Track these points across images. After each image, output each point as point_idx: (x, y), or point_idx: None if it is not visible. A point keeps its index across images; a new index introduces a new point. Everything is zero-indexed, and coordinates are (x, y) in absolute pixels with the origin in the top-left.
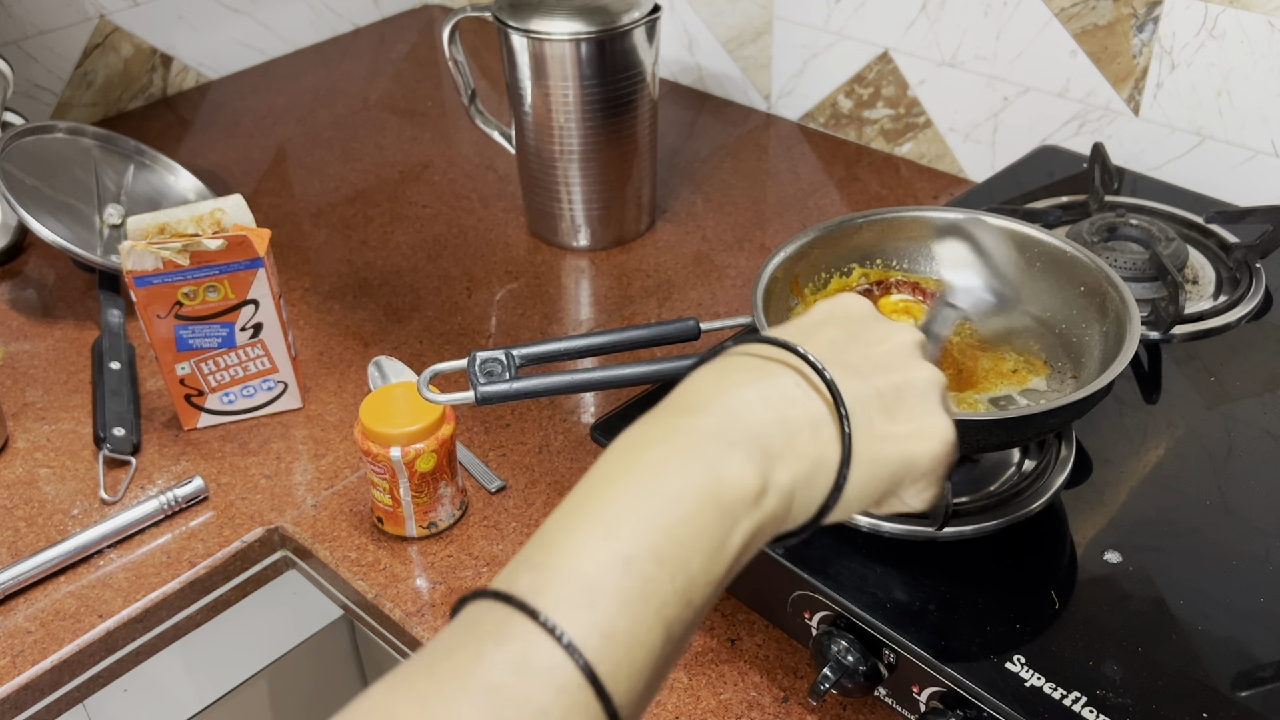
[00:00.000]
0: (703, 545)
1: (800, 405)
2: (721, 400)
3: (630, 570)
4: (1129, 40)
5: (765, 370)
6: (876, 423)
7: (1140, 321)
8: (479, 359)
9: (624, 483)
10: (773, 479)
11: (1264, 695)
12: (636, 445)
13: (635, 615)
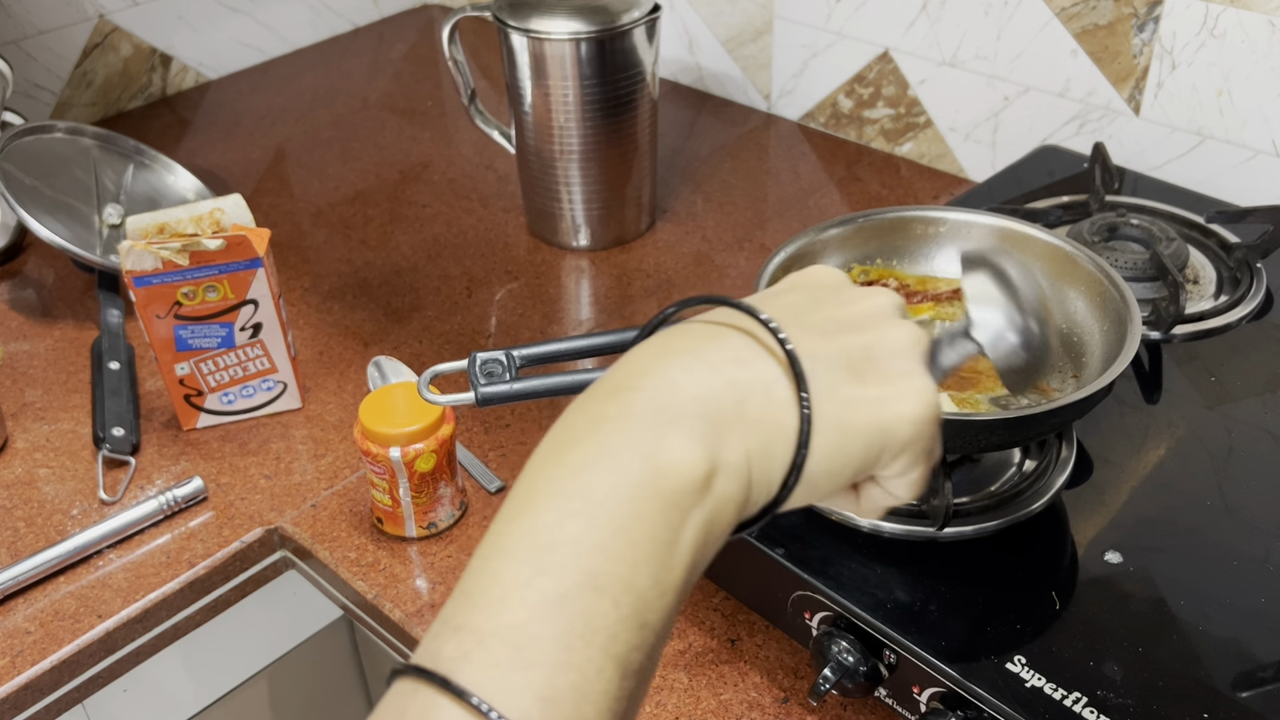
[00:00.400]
0: (648, 554)
1: (750, 365)
2: (658, 372)
3: (566, 609)
4: (1129, 40)
5: (713, 334)
6: (843, 384)
7: (1141, 322)
8: (479, 359)
9: (545, 499)
10: (722, 456)
11: (1265, 696)
12: (559, 447)
13: (579, 664)
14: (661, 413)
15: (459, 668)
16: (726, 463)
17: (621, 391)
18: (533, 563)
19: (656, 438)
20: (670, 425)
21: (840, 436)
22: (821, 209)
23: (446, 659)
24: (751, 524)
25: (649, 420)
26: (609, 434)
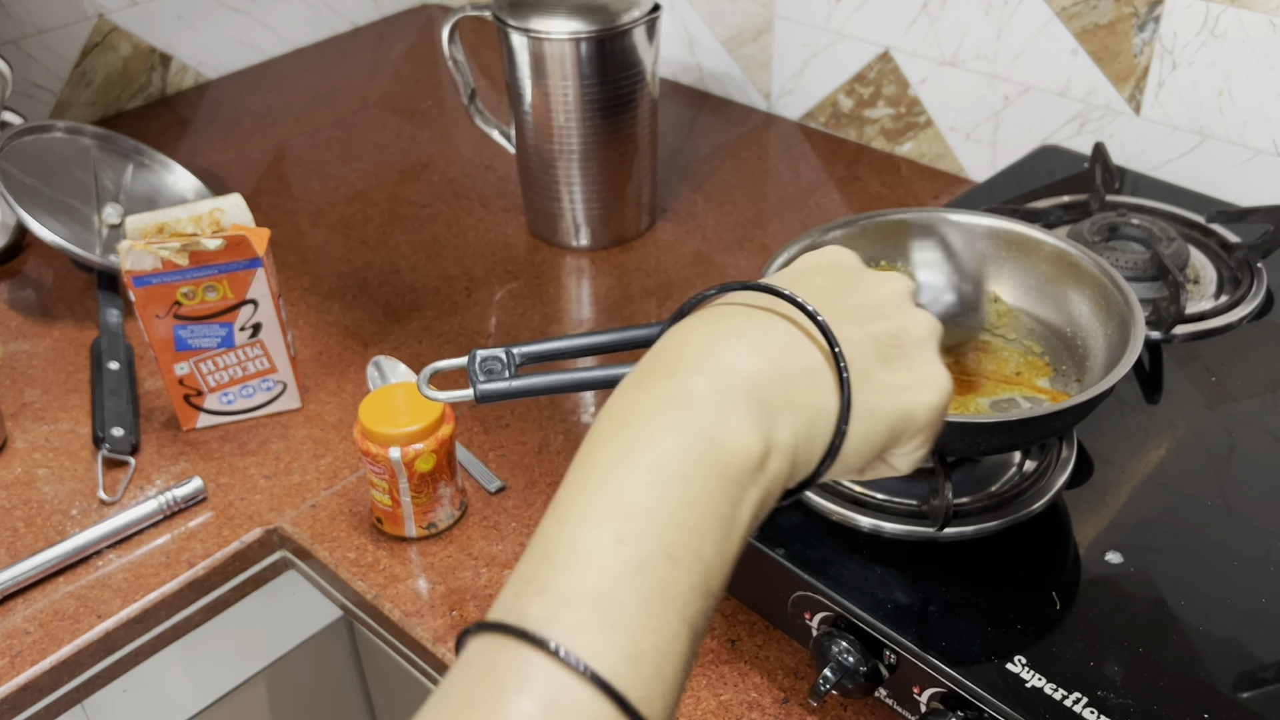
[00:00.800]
0: (714, 527)
1: (795, 352)
2: (711, 354)
3: (645, 575)
4: (1130, 39)
5: (755, 318)
6: (875, 372)
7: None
8: (479, 357)
9: (621, 471)
10: (775, 438)
11: (1265, 696)
12: (627, 421)
13: (658, 625)
14: (720, 395)
15: (547, 626)
16: (778, 443)
17: (681, 372)
18: (612, 530)
19: (719, 419)
20: (730, 408)
21: (870, 420)
22: (821, 209)
23: (533, 618)
24: (790, 496)
25: (710, 402)
26: (675, 413)
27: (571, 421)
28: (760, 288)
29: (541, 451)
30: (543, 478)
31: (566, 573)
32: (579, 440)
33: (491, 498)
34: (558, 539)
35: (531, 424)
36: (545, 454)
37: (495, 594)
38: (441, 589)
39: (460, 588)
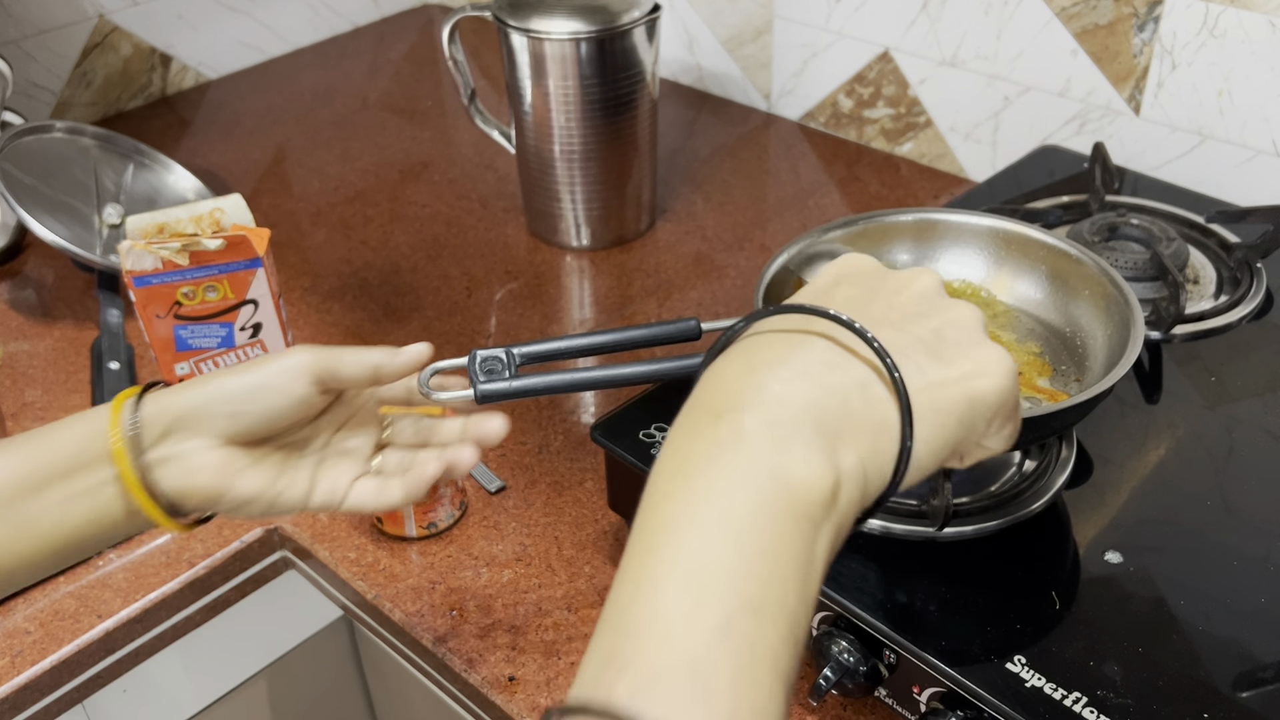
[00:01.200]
0: (793, 572)
1: (841, 369)
2: (754, 387)
3: (732, 636)
4: (1130, 40)
5: (792, 342)
6: (928, 369)
7: (1144, 323)
8: (479, 357)
9: (687, 527)
10: (841, 465)
11: (1265, 696)
12: (686, 473)
13: (753, 686)
14: (775, 429)
15: (640, 701)
16: (845, 470)
17: (728, 412)
18: (690, 594)
19: (778, 455)
20: (788, 441)
21: (936, 417)
22: (821, 209)
23: (623, 694)
24: (867, 515)
25: (765, 438)
26: (731, 457)
27: (571, 421)
28: (790, 309)
29: (541, 451)
30: (543, 478)
31: (649, 644)
32: (579, 440)
33: (491, 498)
34: (633, 610)
35: (531, 424)
36: (545, 454)
37: (495, 594)
38: (441, 589)
39: (460, 587)
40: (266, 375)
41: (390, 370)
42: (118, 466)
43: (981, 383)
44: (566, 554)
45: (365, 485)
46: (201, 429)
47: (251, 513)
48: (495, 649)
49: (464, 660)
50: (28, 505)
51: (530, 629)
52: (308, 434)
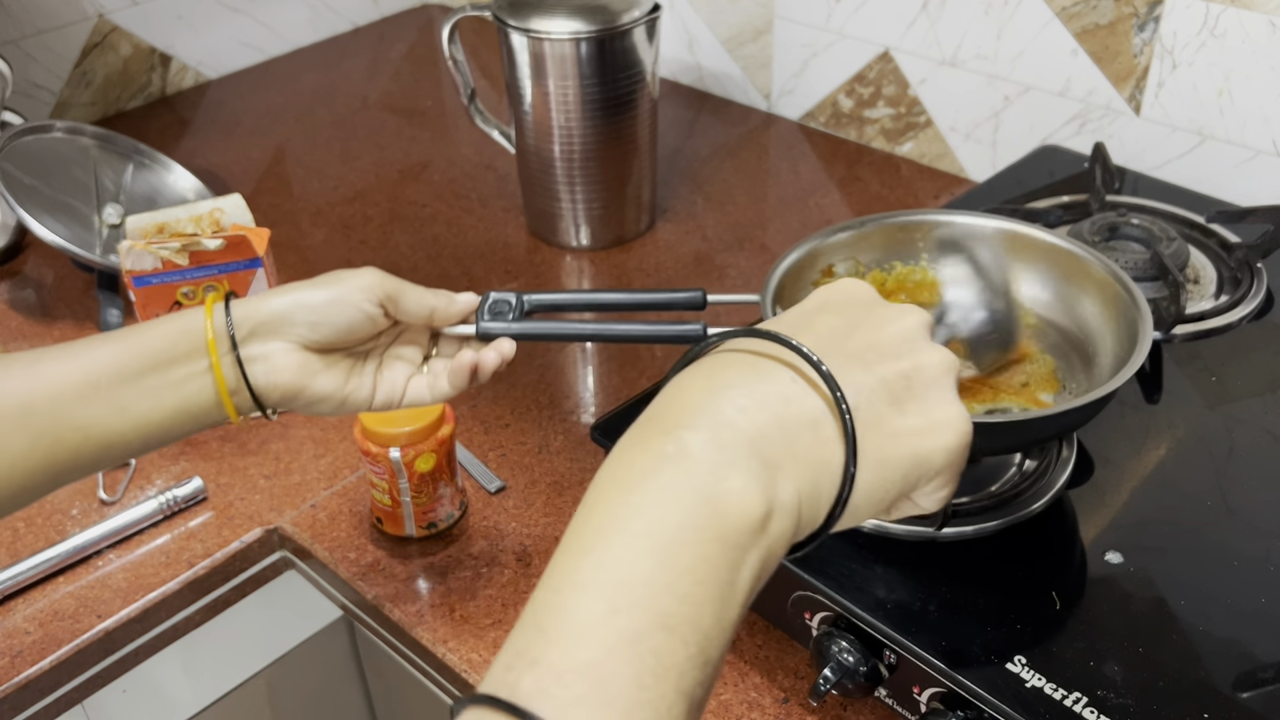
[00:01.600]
0: (713, 594)
1: (798, 403)
2: (711, 408)
3: (640, 648)
4: (1130, 39)
5: (758, 368)
6: (885, 417)
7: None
8: (491, 298)
9: (615, 536)
10: (777, 497)
11: (1265, 696)
12: (623, 483)
13: (653, 700)
14: (720, 454)
15: (538, 701)
16: (780, 502)
17: (679, 429)
18: (606, 600)
19: (717, 480)
20: (729, 467)
21: (880, 469)
22: (822, 209)
23: (525, 692)
24: (799, 549)
25: (709, 462)
26: (672, 474)
27: (571, 421)
28: (764, 335)
29: (541, 451)
30: (543, 477)
31: (559, 645)
32: (579, 440)
33: (491, 498)
34: (551, 609)
35: (531, 424)
36: (545, 454)
37: (495, 594)
38: (441, 589)
39: (460, 588)
40: (344, 290)
41: (444, 316)
42: (211, 359)
43: (933, 441)
44: None
45: (418, 382)
46: (284, 333)
47: (322, 410)
48: (495, 649)
49: (463, 660)
50: (126, 391)
51: None
52: (369, 346)
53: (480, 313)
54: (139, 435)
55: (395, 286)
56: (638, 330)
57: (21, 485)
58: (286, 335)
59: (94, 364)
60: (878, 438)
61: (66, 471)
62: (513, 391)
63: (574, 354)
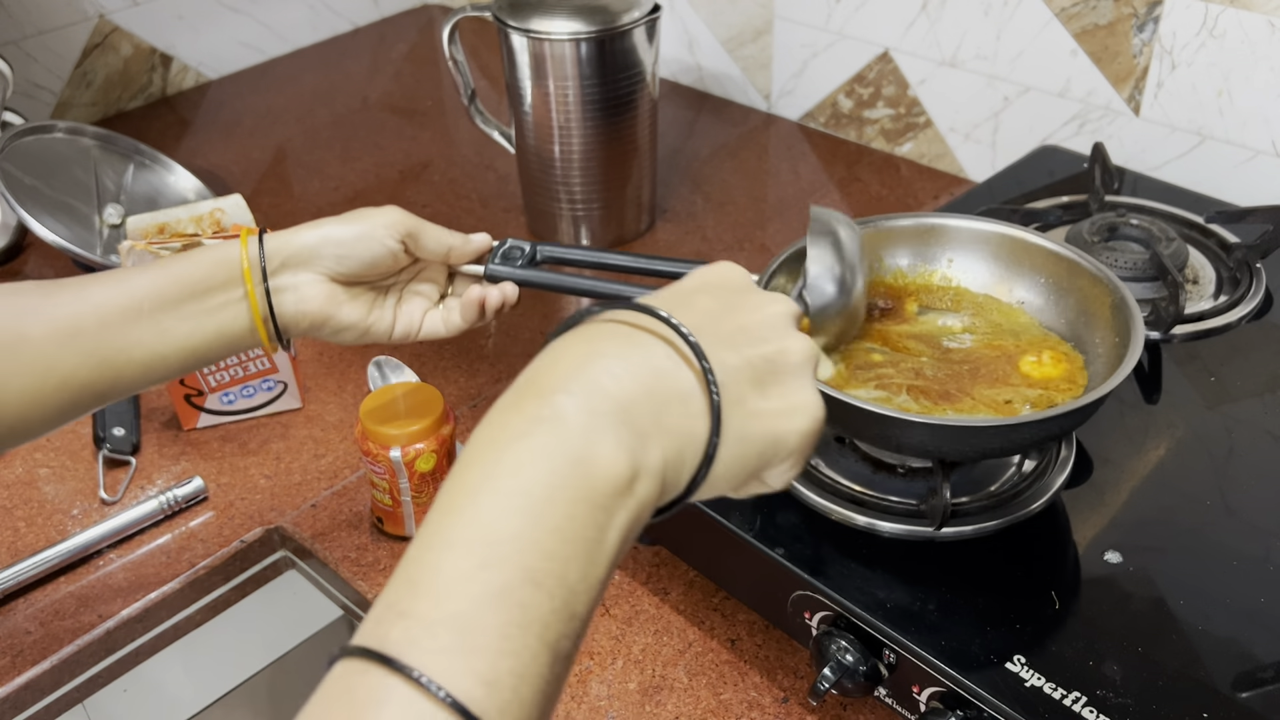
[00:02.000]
0: (579, 551)
1: (670, 377)
2: (586, 374)
3: (506, 600)
4: (1129, 40)
5: (634, 339)
6: (748, 398)
7: (1143, 326)
8: (507, 244)
9: (486, 495)
10: (644, 461)
11: (1265, 696)
12: (496, 443)
13: (517, 650)
14: (591, 418)
15: (407, 651)
16: (647, 467)
17: (554, 393)
18: (475, 555)
19: (588, 444)
20: (600, 432)
21: (740, 445)
22: None
23: (394, 642)
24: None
25: (580, 426)
26: (544, 436)
27: None
28: (643, 309)
29: None
30: None
31: (428, 598)
32: None
33: None
34: (422, 564)
35: None
36: None
37: None
38: None
39: None
40: (369, 226)
41: (460, 255)
42: (246, 288)
43: (789, 423)
44: None
45: (434, 315)
46: (313, 265)
47: (345, 339)
48: None
49: None
50: (167, 316)
51: None
52: (390, 281)
53: (493, 255)
54: (178, 357)
55: (416, 224)
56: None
57: (72, 402)
58: (315, 267)
59: (137, 290)
60: (740, 416)
61: (110, 391)
62: None
63: None
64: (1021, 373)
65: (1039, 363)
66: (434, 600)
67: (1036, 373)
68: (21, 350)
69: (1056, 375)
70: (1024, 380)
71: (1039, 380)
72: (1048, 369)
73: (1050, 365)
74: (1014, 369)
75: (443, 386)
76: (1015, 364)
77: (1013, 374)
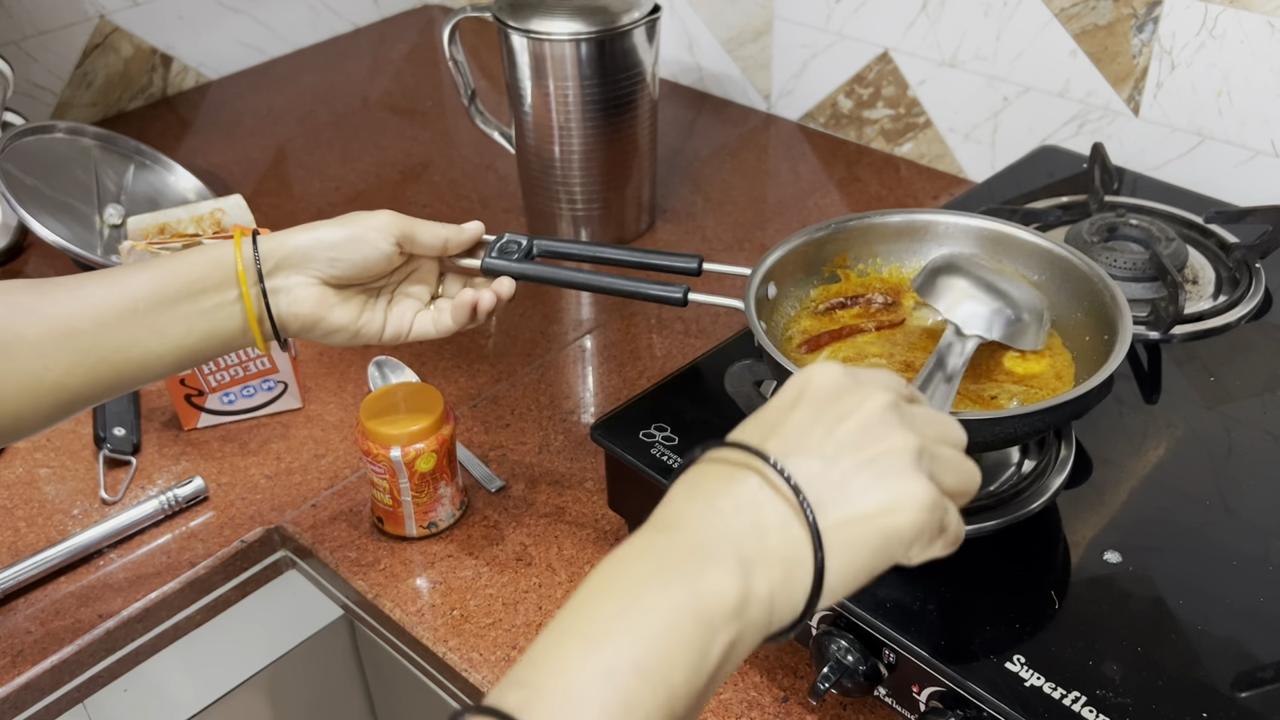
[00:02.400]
0: (684, 658)
1: (768, 506)
2: (695, 513)
3: (613, 683)
4: (1129, 40)
5: (733, 476)
6: (847, 503)
7: (1132, 321)
8: (504, 238)
9: (606, 599)
10: (752, 588)
11: (1264, 695)
12: (619, 561)
13: None
14: (701, 550)
15: (522, 711)
16: (754, 594)
17: (670, 529)
18: (589, 643)
19: (699, 569)
20: (709, 561)
21: (849, 552)
22: (821, 209)
23: (512, 704)
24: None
25: (692, 554)
26: (660, 559)
27: (571, 421)
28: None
29: (542, 451)
30: (543, 477)
31: (545, 672)
32: (579, 440)
33: (492, 497)
34: (543, 646)
35: (532, 424)
36: (545, 454)
37: (495, 594)
38: (442, 588)
39: (461, 587)
40: (362, 229)
41: (456, 243)
42: (240, 289)
43: (894, 519)
44: (566, 554)
45: (424, 317)
46: (305, 268)
47: (336, 340)
48: (495, 649)
49: (464, 660)
50: (162, 316)
51: (530, 629)
52: (382, 283)
53: (490, 249)
54: (173, 357)
55: (409, 224)
56: (626, 286)
57: (68, 400)
58: (307, 270)
59: (133, 290)
60: (842, 527)
61: (107, 389)
62: (513, 391)
63: (574, 354)
64: (1005, 369)
65: (1021, 358)
66: (549, 674)
67: (1020, 369)
68: (16, 349)
69: (1039, 370)
70: (1008, 376)
71: (1021, 376)
72: (1030, 364)
73: (1033, 360)
74: (998, 365)
75: (443, 386)
76: (999, 360)
77: (997, 370)
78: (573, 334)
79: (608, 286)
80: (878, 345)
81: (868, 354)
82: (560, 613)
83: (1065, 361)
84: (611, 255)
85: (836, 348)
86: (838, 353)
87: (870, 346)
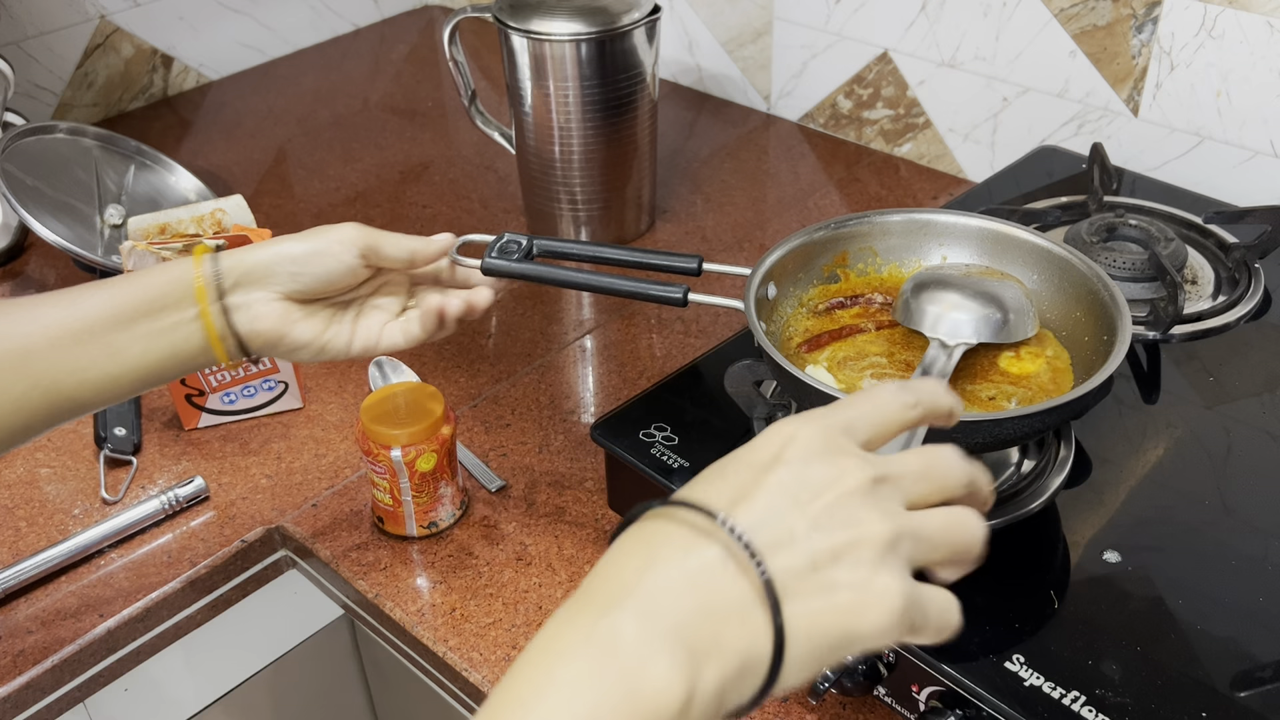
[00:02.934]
0: None
1: (728, 587)
2: (643, 589)
3: None
4: (1128, 41)
5: (690, 545)
6: (812, 596)
7: (1132, 323)
8: (504, 238)
9: (537, 708)
10: (699, 684)
11: (1263, 695)
12: (550, 655)
13: None
14: (646, 639)
15: None
16: (702, 690)
17: (611, 608)
18: None
19: (641, 665)
20: (654, 655)
21: (808, 644)
22: (821, 209)
23: None
24: None
25: (634, 646)
26: (597, 656)
27: (571, 421)
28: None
29: (542, 451)
30: (543, 478)
31: None
32: (579, 440)
33: (492, 497)
34: None
35: (531, 424)
36: (545, 454)
37: (495, 594)
38: (442, 588)
39: (461, 587)
40: (324, 243)
41: (424, 255)
42: (200, 307)
43: (858, 620)
44: (566, 553)
45: (393, 327)
46: (267, 283)
47: (301, 356)
48: (495, 649)
49: (464, 660)
50: (118, 336)
51: (530, 629)
52: (349, 297)
53: (490, 249)
54: (130, 378)
55: (374, 236)
56: (626, 286)
57: (24, 424)
58: (269, 285)
59: (89, 311)
60: (805, 618)
61: (64, 412)
62: (513, 391)
63: (574, 354)
64: (1000, 369)
65: (1015, 358)
66: None
67: (1015, 369)
68: None
69: (1034, 370)
70: (1003, 377)
71: (1016, 376)
72: (1025, 364)
73: (1028, 361)
74: (993, 366)
75: (443, 386)
76: (994, 361)
77: (992, 370)
78: (573, 334)
79: (608, 286)
80: (878, 345)
81: (868, 353)
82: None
83: (1061, 359)
84: (611, 255)
85: (836, 347)
86: (838, 352)
87: (870, 346)
